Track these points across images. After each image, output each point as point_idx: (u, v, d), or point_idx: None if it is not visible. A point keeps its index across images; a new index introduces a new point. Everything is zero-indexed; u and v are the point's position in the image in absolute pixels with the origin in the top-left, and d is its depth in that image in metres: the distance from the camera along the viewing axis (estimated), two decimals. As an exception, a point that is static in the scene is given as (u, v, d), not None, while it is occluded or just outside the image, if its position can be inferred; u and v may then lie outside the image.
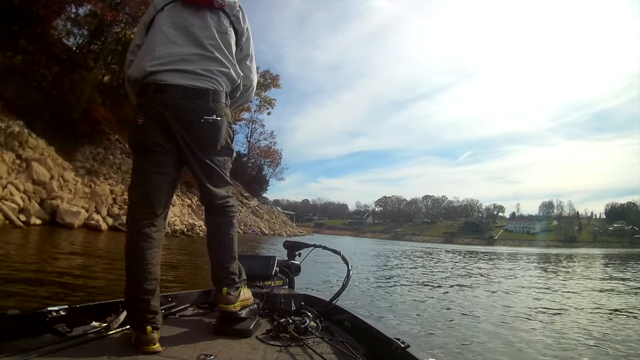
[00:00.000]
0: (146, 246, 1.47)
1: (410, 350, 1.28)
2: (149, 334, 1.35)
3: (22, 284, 4.33)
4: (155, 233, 1.51)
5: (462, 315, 5.54)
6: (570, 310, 6.44)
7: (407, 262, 16.19)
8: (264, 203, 50.66)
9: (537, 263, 20.77)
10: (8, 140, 12.26)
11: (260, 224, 38.24)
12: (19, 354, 1.17)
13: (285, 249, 2.65)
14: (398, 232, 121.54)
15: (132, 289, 1.45)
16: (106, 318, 1.57)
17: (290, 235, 43.75)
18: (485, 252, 36.41)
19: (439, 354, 3.49)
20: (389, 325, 4.45)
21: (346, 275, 2.17)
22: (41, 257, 6.70)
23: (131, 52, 1.73)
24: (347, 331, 1.76)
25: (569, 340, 4.42)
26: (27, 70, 14.58)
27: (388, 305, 6.03)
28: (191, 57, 1.57)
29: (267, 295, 1.99)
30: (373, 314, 5.11)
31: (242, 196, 42.00)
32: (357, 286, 7.26)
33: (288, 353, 1.43)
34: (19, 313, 1.40)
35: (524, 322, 5.29)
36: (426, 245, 50.93)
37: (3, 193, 10.75)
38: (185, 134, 1.53)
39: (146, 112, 1.52)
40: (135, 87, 1.64)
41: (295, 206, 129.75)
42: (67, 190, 13.22)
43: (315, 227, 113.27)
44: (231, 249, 1.68)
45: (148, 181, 1.53)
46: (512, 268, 16.02)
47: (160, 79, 1.53)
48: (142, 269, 1.45)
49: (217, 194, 1.65)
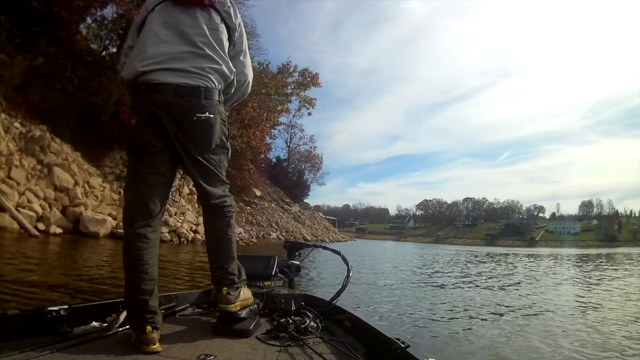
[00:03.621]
0: (142, 247, 1.48)
1: (410, 350, 1.28)
2: (148, 334, 1.36)
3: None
4: (151, 233, 1.52)
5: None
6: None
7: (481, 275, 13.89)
8: (306, 209, 49.12)
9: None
10: (28, 145, 11.28)
11: (302, 230, 36.72)
12: (19, 354, 1.19)
13: (285, 249, 2.64)
14: (439, 235, 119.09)
15: (131, 289, 1.45)
16: (106, 318, 1.57)
17: (334, 241, 42.06)
18: (550, 254, 33.25)
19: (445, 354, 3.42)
20: (389, 326, 4.32)
21: (346, 275, 2.17)
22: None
23: (124, 54, 1.72)
24: (347, 331, 1.76)
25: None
26: (51, 73, 13.78)
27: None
28: (182, 55, 1.56)
29: (267, 295, 1.98)
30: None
31: (283, 202, 40.71)
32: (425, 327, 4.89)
33: (288, 353, 1.43)
34: (19, 313, 1.43)
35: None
36: (469, 249, 47.18)
37: (20, 200, 9.66)
38: (178, 132, 1.53)
39: (139, 112, 1.52)
40: (129, 88, 1.64)
41: (336, 211, 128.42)
42: (93, 197, 12.07)
43: (356, 232, 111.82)
44: (229, 249, 1.69)
45: (142, 182, 1.53)
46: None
47: (151, 79, 1.52)
48: (139, 270, 1.45)
49: (213, 194, 1.65)
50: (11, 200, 9.34)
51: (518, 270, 14.63)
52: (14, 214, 9.06)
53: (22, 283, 4.41)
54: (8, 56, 12.59)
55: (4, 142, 10.43)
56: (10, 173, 9.84)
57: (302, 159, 55.07)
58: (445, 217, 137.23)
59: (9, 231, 8.88)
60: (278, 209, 37.14)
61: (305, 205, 50.90)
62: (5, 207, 9.02)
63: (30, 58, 12.83)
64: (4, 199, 9.06)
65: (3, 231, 8.78)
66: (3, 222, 8.91)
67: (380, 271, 12.23)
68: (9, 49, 12.62)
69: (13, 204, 9.35)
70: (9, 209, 9.04)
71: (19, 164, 10.31)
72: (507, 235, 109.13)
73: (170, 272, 6.94)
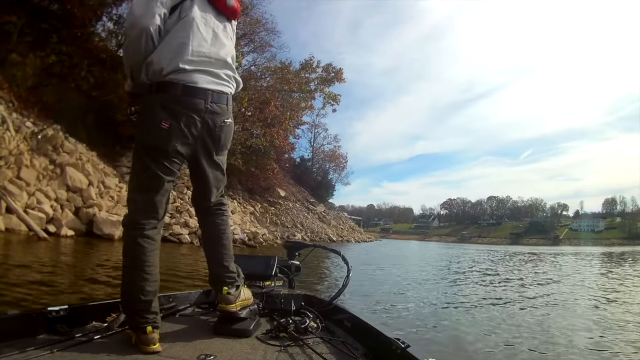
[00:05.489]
0: (149, 248, 1.46)
1: (411, 350, 1.27)
2: (149, 334, 1.36)
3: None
4: (157, 235, 1.52)
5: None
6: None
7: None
8: (331, 209, 47.99)
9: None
10: (40, 144, 10.77)
11: (327, 230, 35.70)
12: (19, 354, 1.19)
13: (285, 249, 2.63)
14: (464, 234, 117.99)
15: (133, 290, 1.43)
16: (106, 318, 1.57)
17: (359, 241, 40.79)
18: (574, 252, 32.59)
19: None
20: (389, 326, 4.15)
21: (346, 275, 2.13)
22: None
23: (156, 30, 1.47)
24: (347, 331, 1.76)
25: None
26: (65, 73, 13.37)
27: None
28: (217, 61, 1.57)
29: (267, 295, 1.97)
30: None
31: (308, 202, 39.79)
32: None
33: (288, 353, 1.43)
34: (19, 313, 1.41)
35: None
36: (492, 248, 44.94)
37: (29, 201, 9.08)
38: (207, 137, 1.55)
39: (175, 116, 1.46)
40: (149, 75, 1.49)
41: (361, 211, 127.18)
42: (108, 198, 11.46)
43: (381, 232, 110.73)
44: (229, 247, 1.70)
45: (159, 188, 1.50)
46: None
47: (190, 81, 1.48)
48: (144, 271, 1.44)
49: (215, 193, 1.68)
50: (19, 201, 8.76)
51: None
52: (21, 216, 8.46)
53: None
54: (20, 55, 12.21)
55: (14, 142, 9.94)
56: (20, 173, 9.29)
57: (327, 159, 54.12)
58: (469, 216, 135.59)
59: (16, 234, 8.29)
60: (303, 209, 36.25)
61: (330, 206, 49.78)
62: (12, 209, 8.43)
63: (42, 56, 12.39)
64: (10, 199, 8.47)
65: (10, 234, 8.19)
66: (10, 224, 8.32)
67: (404, 274, 11.49)
68: (21, 48, 12.25)
69: (21, 205, 8.76)
70: (16, 210, 8.44)
71: (29, 164, 9.77)
72: (532, 234, 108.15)
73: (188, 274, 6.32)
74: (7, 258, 5.86)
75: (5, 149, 9.46)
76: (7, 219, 8.33)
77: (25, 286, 4.16)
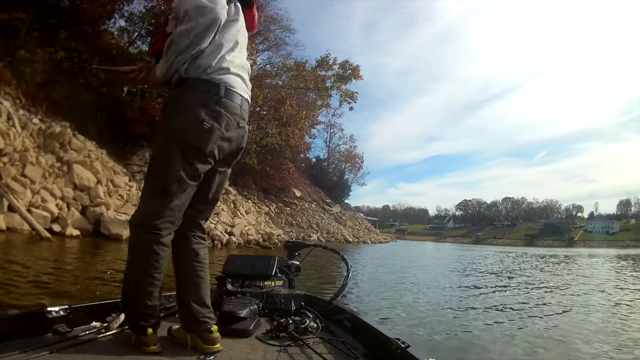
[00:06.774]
0: (162, 256, 1.40)
1: (411, 350, 1.26)
2: (149, 335, 1.34)
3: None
4: (170, 242, 1.45)
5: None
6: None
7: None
8: (347, 209, 47.19)
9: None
10: (47, 141, 10.41)
11: (343, 231, 34.93)
12: (19, 354, 1.17)
13: (286, 249, 2.62)
14: (479, 236, 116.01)
15: (140, 294, 1.38)
16: (106, 318, 1.54)
17: (375, 242, 39.84)
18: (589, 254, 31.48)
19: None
20: (389, 325, 4.12)
21: (346, 275, 2.17)
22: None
23: (222, 24, 1.42)
24: (347, 331, 1.74)
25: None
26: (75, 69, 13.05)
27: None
28: (245, 70, 1.56)
29: (267, 295, 1.95)
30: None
31: (324, 202, 39.08)
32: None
33: (288, 353, 1.42)
34: (19, 313, 1.43)
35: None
36: (506, 250, 43.39)
37: (33, 200, 8.67)
38: (235, 145, 1.51)
39: (217, 117, 1.41)
40: (190, 69, 1.41)
41: (376, 212, 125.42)
42: (117, 197, 11.03)
43: (396, 233, 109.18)
44: (208, 282, 1.59)
45: (186, 193, 1.42)
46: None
47: (231, 84, 1.45)
48: (153, 277, 1.39)
49: (212, 212, 1.66)
50: (22, 199, 8.35)
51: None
52: (23, 214, 8.04)
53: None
54: (28, 52, 11.93)
55: (19, 138, 9.57)
56: (25, 170, 8.89)
57: (343, 159, 53.34)
58: (484, 217, 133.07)
59: (19, 233, 7.87)
60: (318, 209, 35.57)
61: (346, 206, 48.99)
62: (15, 207, 8.01)
63: (50, 52, 12.08)
64: (13, 197, 8.05)
65: (12, 233, 7.77)
66: (12, 223, 7.90)
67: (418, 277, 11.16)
68: (29, 45, 11.97)
69: (24, 203, 8.35)
70: (18, 208, 8.02)
71: (34, 161, 9.37)
72: (546, 235, 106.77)
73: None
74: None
75: (10, 145, 9.08)
76: (9, 217, 7.91)
77: (23, 287, 3.94)
